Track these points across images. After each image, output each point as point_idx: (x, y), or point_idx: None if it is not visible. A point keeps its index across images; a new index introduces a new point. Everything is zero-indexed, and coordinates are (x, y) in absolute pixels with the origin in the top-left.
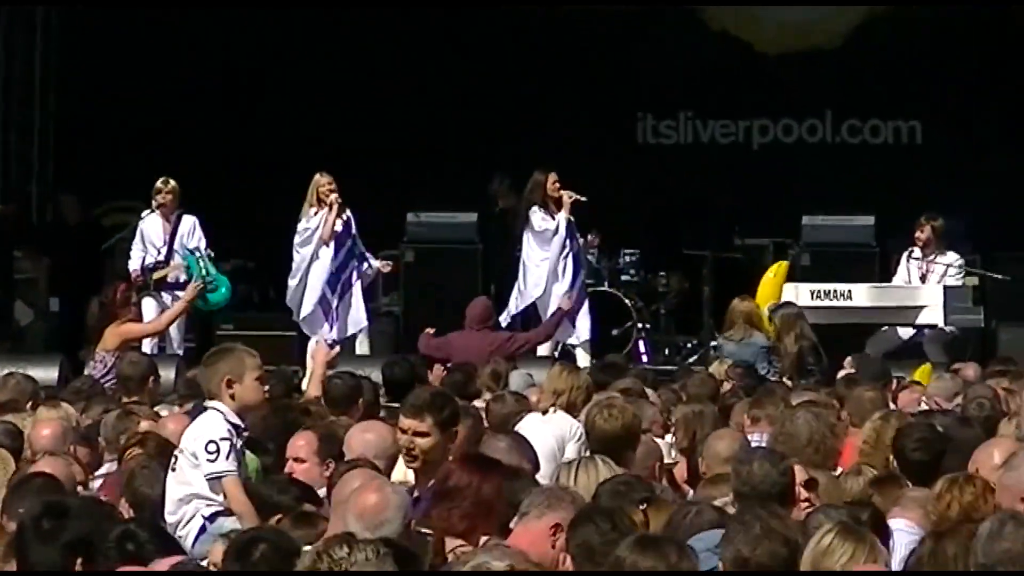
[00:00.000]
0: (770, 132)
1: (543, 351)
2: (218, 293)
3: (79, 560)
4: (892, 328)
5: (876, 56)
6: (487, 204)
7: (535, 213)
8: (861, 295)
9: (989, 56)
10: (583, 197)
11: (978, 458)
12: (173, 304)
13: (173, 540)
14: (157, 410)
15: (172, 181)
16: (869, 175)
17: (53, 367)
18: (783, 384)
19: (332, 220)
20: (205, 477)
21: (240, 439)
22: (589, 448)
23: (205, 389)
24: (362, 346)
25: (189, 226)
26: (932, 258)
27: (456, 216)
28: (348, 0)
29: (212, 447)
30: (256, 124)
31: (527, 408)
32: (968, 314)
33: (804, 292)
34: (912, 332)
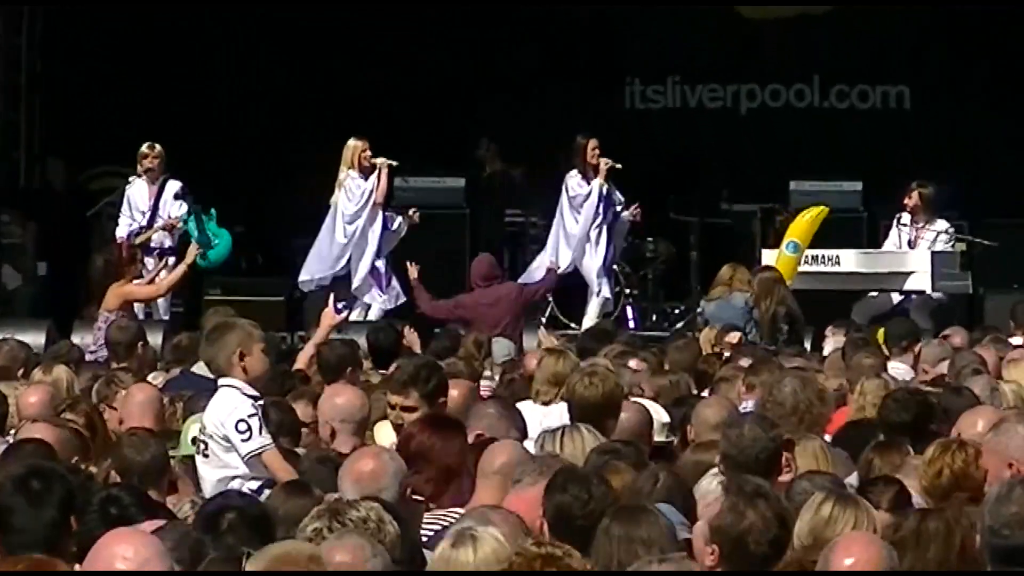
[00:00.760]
0: (758, 97)
1: None
2: (216, 250)
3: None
4: (880, 294)
5: (864, 21)
6: (474, 169)
7: (572, 177)
8: (849, 260)
9: (978, 21)
10: (619, 164)
11: (962, 425)
12: (154, 267)
13: (157, 505)
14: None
15: (158, 146)
16: (857, 140)
17: (41, 332)
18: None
19: (385, 182)
20: (243, 458)
21: (259, 409)
22: (570, 416)
23: (212, 366)
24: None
25: (174, 191)
26: (921, 225)
27: (444, 181)
28: None
29: (243, 426)
30: (242, 90)
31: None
32: (956, 280)
33: None
34: (899, 298)
